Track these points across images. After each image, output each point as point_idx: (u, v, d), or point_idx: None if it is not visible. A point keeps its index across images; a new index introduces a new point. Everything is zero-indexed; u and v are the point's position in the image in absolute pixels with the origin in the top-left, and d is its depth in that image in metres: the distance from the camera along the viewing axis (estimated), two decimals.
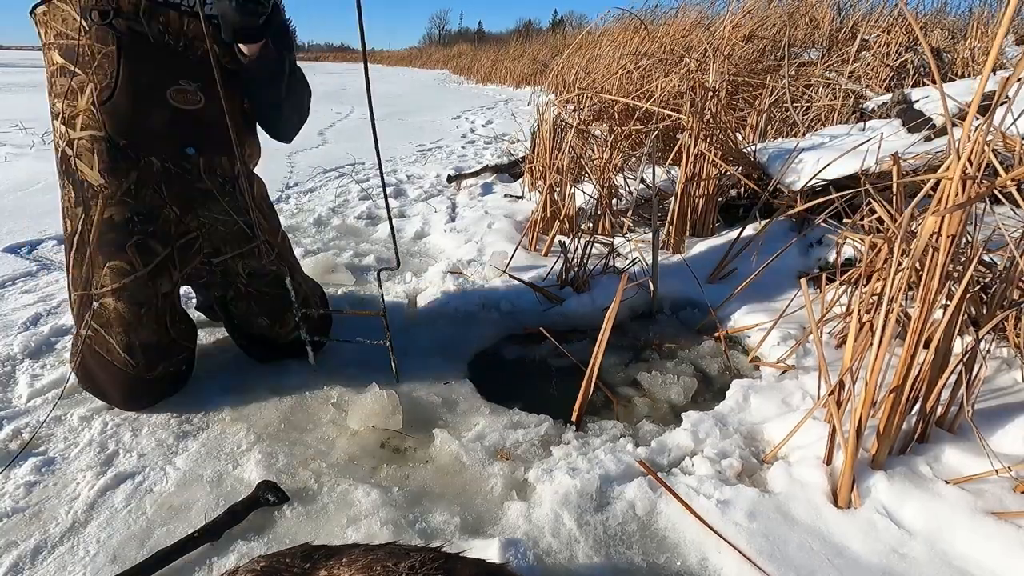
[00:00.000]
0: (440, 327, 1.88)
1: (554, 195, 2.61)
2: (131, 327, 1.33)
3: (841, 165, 2.13)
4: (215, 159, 1.40)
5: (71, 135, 1.27)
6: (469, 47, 26.67)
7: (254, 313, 1.54)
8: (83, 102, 1.23)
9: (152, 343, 1.36)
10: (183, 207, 1.39)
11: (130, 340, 1.33)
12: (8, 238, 2.53)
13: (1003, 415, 1.24)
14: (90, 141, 1.26)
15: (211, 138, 1.35)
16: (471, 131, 6.71)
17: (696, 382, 1.61)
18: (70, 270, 1.37)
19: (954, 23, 5.01)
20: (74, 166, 1.29)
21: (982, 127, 0.99)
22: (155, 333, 1.36)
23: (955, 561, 1.00)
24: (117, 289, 1.32)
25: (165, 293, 1.39)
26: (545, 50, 14.10)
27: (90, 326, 1.34)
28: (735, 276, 2.11)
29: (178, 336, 1.43)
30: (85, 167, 1.28)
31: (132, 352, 1.33)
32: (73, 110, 1.24)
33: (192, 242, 1.43)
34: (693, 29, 4.47)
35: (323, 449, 1.30)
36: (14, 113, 6.38)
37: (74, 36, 1.19)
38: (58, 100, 1.26)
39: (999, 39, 0.96)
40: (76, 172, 1.30)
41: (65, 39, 1.20)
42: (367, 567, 0.76)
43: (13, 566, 0.99)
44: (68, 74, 1.22)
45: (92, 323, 1.33)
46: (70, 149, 1.28)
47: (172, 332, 1.41)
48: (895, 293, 1.08)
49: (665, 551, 1.04)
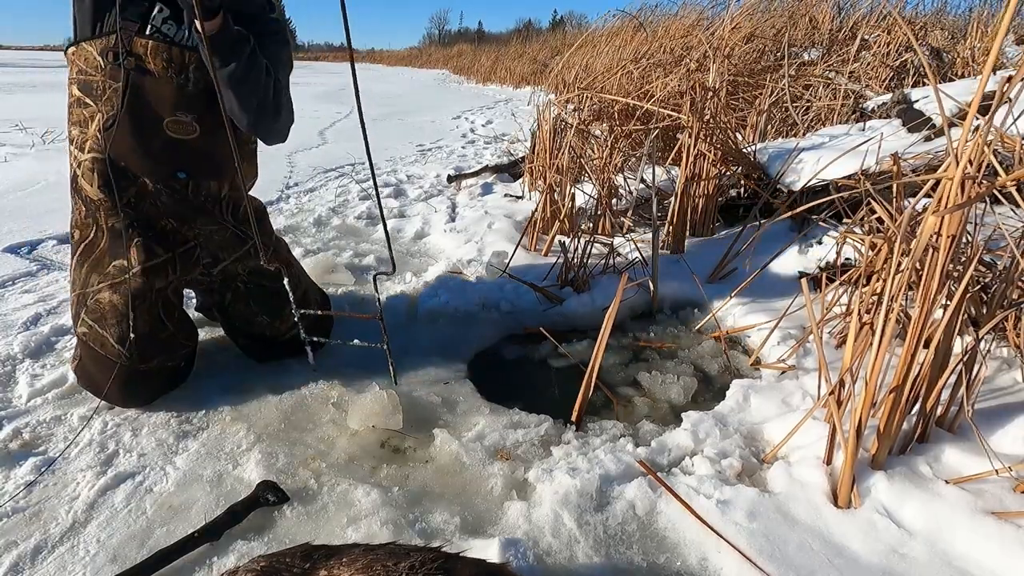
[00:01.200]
0: (440, 327, 1.88)
1: (554, 195, 2.61)
2: (124, 318, 1.37)
3: (841, 165, 2.13)
4: (203, 183, 1.45)
5: (80, 157, 1.38)
6: (469, 47, 26.67)
7: (253, 312, 1.57)
8: (92, 129, 1.35)
9: (145, 333, 1.39)
10: (179, 220, 1.45)
11: (123, 331, 1.37)
12: (8, 238, 2.53)
13: (1003, 415, 1.24)
14: (92, 162, 1.36)
15: (202, 165, 1.42)
16: (471, 131, 6.71)
17: (696, 382, 1.61)
18: (71, 273, 1.44)
19: (954, 23, 5.01)
20: (79, 184, 1.40)
21: (982, 127, 0.99)
22: (148, 324, 1.40)
23: (955, 561, 1.00)
24: (112, 284, 1.38)
25: (159, 288, 1.44)
26: (545, 50, 14.11)
27: (85, 322, 1.38)
28: (735, 276, 2.11)
29: (176, 332, 1.47)
30: (86, 184, 1.38)
31: (125, 343, 1.37)
32: (84, 136, 1.36)
33: (191, 251, 1.49)
34: (693, 30, 4.47)
35: (323, 449, 1.30)
36: (14, 113, 6.38)
37: (92, 73, 1.31)
38: (74, 128, 1.38)
39: (999, 40, 0.96)
40: (81, 190, 1.40)
41: (84, 75, 1.32)
42: (367, 567, 0.76)
43: (13, 566, 0.99)
44: (83, 105, 1.34)
45: (87, 319, 1.38)
46: (78, 169, 1.39)
47: (169, 326, 1.45)
48: (895, 293, 1.08)
49: (665, 551, 1.04)
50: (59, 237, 2.59)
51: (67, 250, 2.48)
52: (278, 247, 1.66)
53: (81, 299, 1.40)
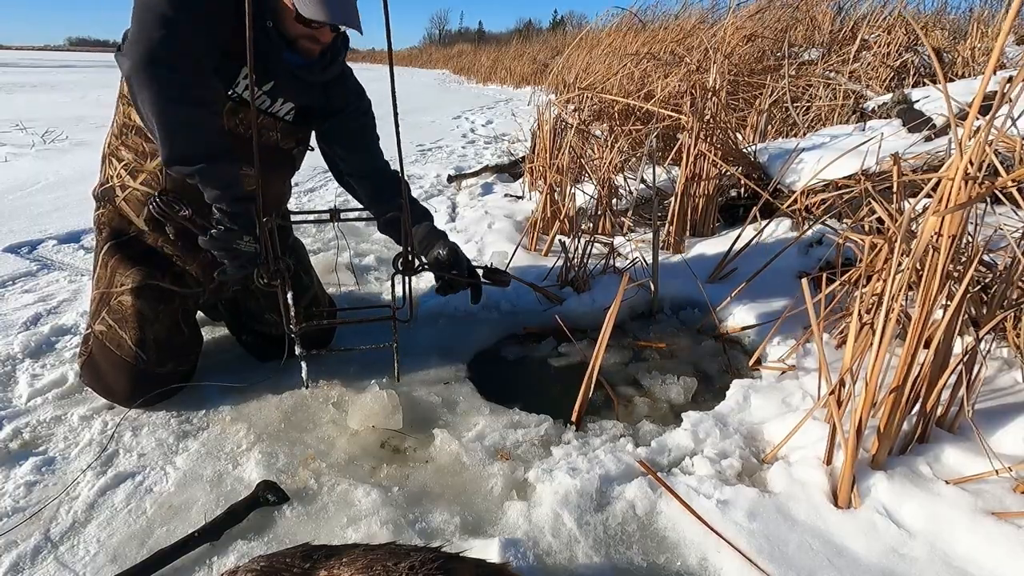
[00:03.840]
0: (440, 327, 1.88)
1: (554, 195, 2.61)
2: (147, 322, 1.39)
3: (841, 165, 2.13)
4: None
5: (128, 182, 1.42)
6: (469, 47, 26.68)
7: (263, 308, 1.59)
8: (151, 164, 1.39)
9: (163, 338, 1.41)
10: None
11: (143, 335, 1.38)
12: (8, 238, 2.53)
13: (1003, 415, 1.24)
14: (144, 196, 1.40)
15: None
16: (471, 131, 6.71)
17: (696, 382, 1.61)
18: (96, 269, 1.45)
19: (954, 23, 5.01)
20: (119, 204, 1.44)
21: (983, 127, 0.99)
22: (167, 329, 1.42)
23: (955, 561, 0.99)
24: (136, 288, 1.39)
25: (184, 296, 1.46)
26: (545, 50, 14.11)
27: (104, 321, 1.39)
28: (735, 276, 2.11)
29: (190, 337, 1.49)
30: (131, 212, 1.44)
31: (144, 347, 1.38)
32: (139, 167, 1.40)
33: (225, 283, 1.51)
34: (692, 32, 4.47)
35: (323, 449, 1.30)
36: (14, 113, 6.39)
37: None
38: (127, 151, 1.41)
39: (1001, 40, 0.96)
40: (121, 210, 1.44)
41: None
42: (367, 567, 0.76)
43: (13, 566, 0.99)
44: (143, 135, 1.37)
45: (107, 319, 1.39)
46: (121, 191, 1.43)
47: (185, 331, 1.47)
48: (895, 293, 1.08)
49: (665, 551, 1.04)
50: (59, 237, 2.60)
51: (67, 250, 2.48)
52: (297, 253, 1.69)
53: (104, 298, 1.40)
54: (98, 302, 1.42)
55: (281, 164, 1.56)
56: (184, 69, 1.16)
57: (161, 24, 1.13)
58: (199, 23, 1.18)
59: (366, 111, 1.61)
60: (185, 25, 1.15)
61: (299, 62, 1.39)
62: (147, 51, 1.13)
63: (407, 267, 1.46)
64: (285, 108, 1.46)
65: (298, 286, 1.50)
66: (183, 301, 1.46)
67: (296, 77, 1.41)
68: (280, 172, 1.57)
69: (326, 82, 1.49)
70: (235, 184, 1.24)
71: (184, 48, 1.16)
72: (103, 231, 1.46)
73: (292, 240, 1.74)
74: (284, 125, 1.49)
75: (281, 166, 1.56)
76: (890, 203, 1.55)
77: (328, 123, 1.57)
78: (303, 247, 1.83)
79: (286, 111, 1.46)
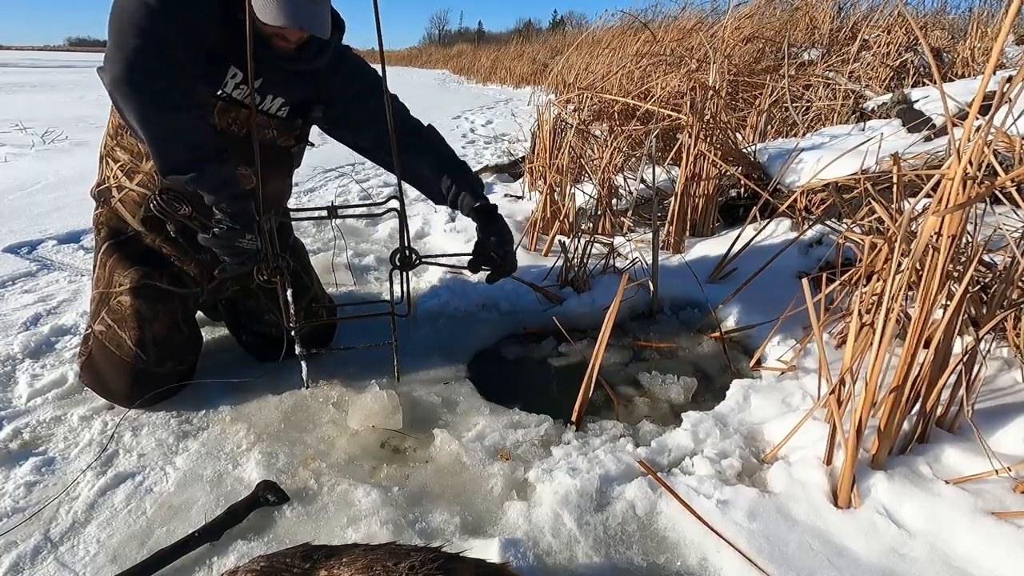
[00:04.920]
0: (440, 327, 1.88)
1: (554, 195, 2.61)
2: (146, 322, 1.39)
3: (841, 165, 2.13)
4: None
5: (124, 182, 1.42)
6: (469, 47, 26.67)
7: (263, 309, 1.59)
8: (147, 165, 1.39)
9: (162, 338, 1.41)
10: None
11: (143, 335, 1.38)
12: (8, 238, 2.53)
13: (1003, 415, 1.24)
14: (140, 197, 1.41)
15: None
16: (471, 131, 6.71)
17: (696, 382, 1.61)
18: (95, 269, 1.45)
19: (954, 22, 5.01)
20: (115, 205, 1.44)
21: (983, 127, 0.99)
22: (167, 328, 1.42)
23: (955, 561, 1.00)
24: (134, 288, 1.39)
25: (182, 296, 1.46)
26: (545, 50, 14.10)
27: (104, 321, 1.39)
28: (735, 276, 2.11)
29: (190, 337, 1.49)
30: (126, 213, 1.43)
31: (143, 347, 1.38)
32: (135, 167, 1.41)
33: (224, 282, 1.51)
34: (692, 32, 4.47)
35: (323, 449, 1.30)
36: (14, 113, 6.39)
37: None
38: (122, 152, 1.43)
39: (1000, 40, 0.96)
40: (116, 210, 1.44)
41: None
42: (367, 567, 0.76)
43: (13, 566, 0.99)
44: (139, 138, 1.32)
45: (107, 318, 1.39)
46: (117, 191, 1.43)
47: (185, 330, 1.47)
48: (895, 293, 1.08)
49: (665, 551, 1.04)
50: (59, 237, 2.59)
51: (67, 250, 2.48)
52: (297, 253, 1.69)
53: (103, 298, 1.40)
54: (97, 302, 1.42)
55: (279, 162, 1.55)
56: (164, 75, 1.15)
57: (136, 33, 1.11)
58: (177, 27, 1.16)
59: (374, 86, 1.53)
60: (162, 31, 1.14)
61: (282, 55, 1.36)
62: (124, 62, 1.12)
63: (404, 263, 1.46)
64: (276, 104, 1.44)
65: (298, 286, 1.50)
66: (182, 301, 1.46)
67: (284, 71, 1.38)
68: (279, 170, 1.56)
69: (316, 71, 1.44)
70: (231, 183, 1.24)
71: (162, 54, 1.14)
72: (101, 231, 1.46)
73: (293, 240, 1.74)
74: (278, 122, 1.47)
75: (280, 164, 1.56)
76: (890, 203, 1.55)
77: (333, 111, 1.53)
78: (303, 247, 1.83)
79: (278, 107, 1.45)
